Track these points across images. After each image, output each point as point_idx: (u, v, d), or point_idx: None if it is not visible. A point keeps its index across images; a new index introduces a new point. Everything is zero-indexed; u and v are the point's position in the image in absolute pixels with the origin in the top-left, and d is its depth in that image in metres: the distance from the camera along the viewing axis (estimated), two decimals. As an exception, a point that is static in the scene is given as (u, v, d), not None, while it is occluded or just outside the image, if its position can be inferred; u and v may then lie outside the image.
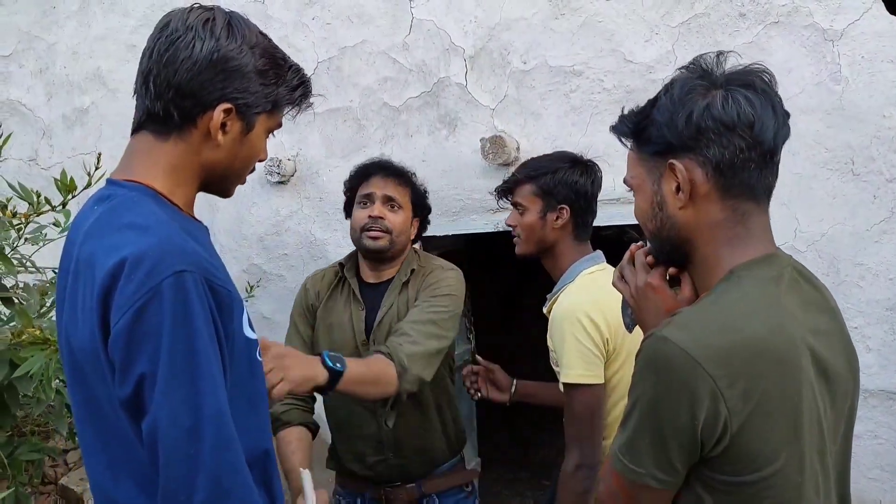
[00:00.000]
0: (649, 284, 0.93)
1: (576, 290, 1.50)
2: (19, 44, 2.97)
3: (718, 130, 0.82)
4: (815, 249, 1.99)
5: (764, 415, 0.78)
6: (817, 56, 1.97)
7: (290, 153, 2.57)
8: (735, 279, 0.84)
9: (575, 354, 1.42)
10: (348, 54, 2.48)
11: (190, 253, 0.83)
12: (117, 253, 0.81)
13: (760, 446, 0.78)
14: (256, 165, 1.03)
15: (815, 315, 0.87)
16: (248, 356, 0.91)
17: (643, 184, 0.90)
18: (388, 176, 1.69)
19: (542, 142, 2.23)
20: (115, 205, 0.88)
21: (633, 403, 0.83)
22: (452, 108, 2.36)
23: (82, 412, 0.90)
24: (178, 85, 0.89)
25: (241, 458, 0.82)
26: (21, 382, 1.33)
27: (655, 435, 0.81)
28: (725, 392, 0.76)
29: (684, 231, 0.87)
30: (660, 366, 0.80)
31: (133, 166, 0.92)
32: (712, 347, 0.77)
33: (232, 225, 2.67)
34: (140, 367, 0.79)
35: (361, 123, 2.48)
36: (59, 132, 2.94)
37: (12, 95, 3.00)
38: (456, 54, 2.35)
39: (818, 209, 1.98)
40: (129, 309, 0.79)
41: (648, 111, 0.88)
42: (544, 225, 1.54)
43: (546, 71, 2.24)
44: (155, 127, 0.92)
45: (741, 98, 0.82)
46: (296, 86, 0.98)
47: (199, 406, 0.79)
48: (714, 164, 0.83)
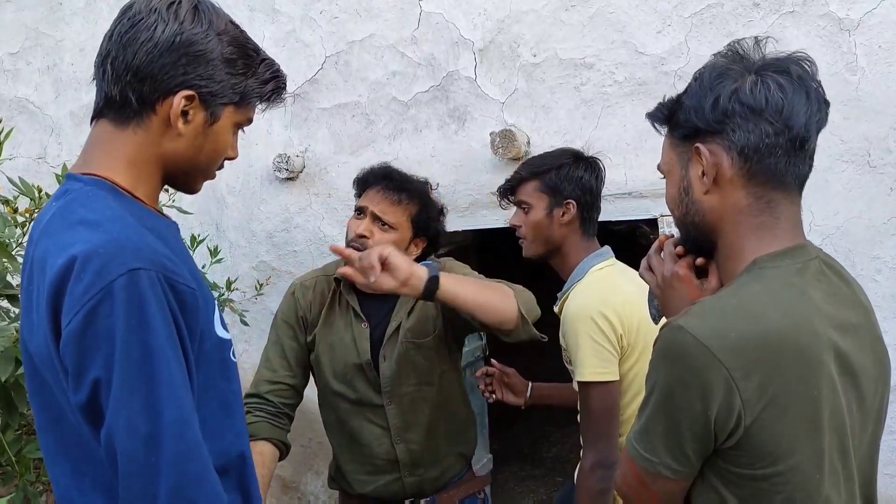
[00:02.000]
0: (675, 274, 0.92)
1: (587, 288, 1.49)
2: (27, 41, 2.97)
3: (745, 115, 0.80)
4: (831, 243, 1.96)
5: (780, 409, 0.77)
6: (833, 46, 1.94)
7: (299, 149, 2.56)
8: (757, 270, 0.82)
9: (589, 352, 1.41)
10: (356, 48, 2.46)
11: (144, 249, 0.78)
12: (67, 251, 0.77)
13: (775, 440, 0.77)
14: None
15: (843, 309, 0.85)
16: (220, 356, 0.88)
17: (673, 169, 0.90)
18: (386, 190, 1.57)
19: (552, 135, 2.20)
20: (70, 200, 0.84)
21: (648, 392, 0.83)
22: (462, 102, 2.34)
23: (42, 419, 0.86)
24: (136, 68, 0.84)
25: (206, 466, 0.78)
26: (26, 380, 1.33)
27: (669, 424, 0.80)
28: (740, 383, 0.75)
29: (709, 216, 0.85)
30: (674, 355, 0.79)
31: (92, 159, 0.88)
32: (729, 338, 0.76)
33: (241, 222, 2.66)
34: (93, 372, 0.75)
35: (370, 118, 2.46)
36: (68, 130, 2.93)
37: (20, 93, 3.00)
38: (465, 48, 2.32)
39: (833, 202, 1.95)
40: (78, 311, 0.75)
41: (681, 97, 0.87)
42: (551, 222, 1.52)
43: (556, 64, 2.21)
44: (113, 114, 0.87)
45: (772, 83, 0.80)
46: (267, 79, 0.93)
47: (158, 413, 0.75)
48: (740, 149, 0.81)
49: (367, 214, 1.56)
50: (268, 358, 1.62)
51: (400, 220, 1.57)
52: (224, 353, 0.89)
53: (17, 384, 1.41)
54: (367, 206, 1.57)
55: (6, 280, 1.57)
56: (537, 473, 3.77)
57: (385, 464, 1.61)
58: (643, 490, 0.85)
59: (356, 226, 1.57)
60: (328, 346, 1.61)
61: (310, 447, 2.59)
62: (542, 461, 3.89)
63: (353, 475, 1.64)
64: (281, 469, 2.61)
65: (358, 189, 1.66)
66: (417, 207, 1.59)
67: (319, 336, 1.61)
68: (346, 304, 1.63)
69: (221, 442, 0.84)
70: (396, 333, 1.61)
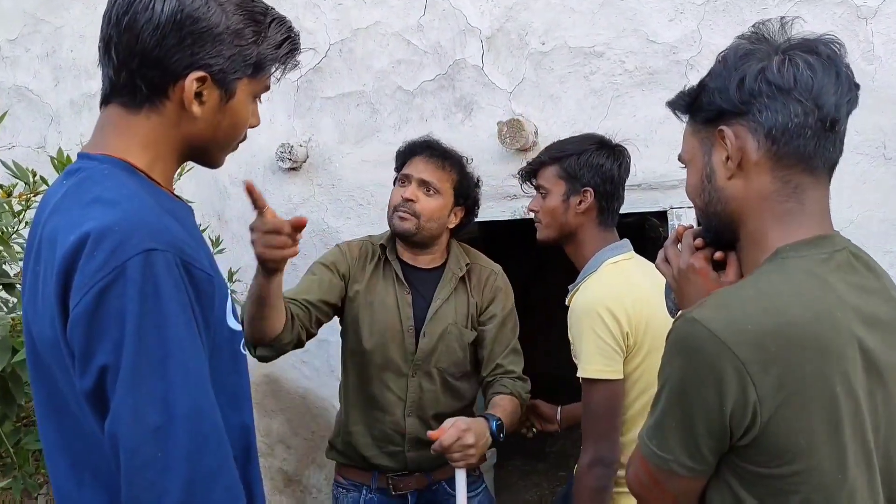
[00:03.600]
0: (692, 266, 0.89)
1: (598, 282, 1.45)
2: (25, 27, 2.92)
3: (773, 94, 0.77)
4: (844, 236, 1.93)
5: (798, 405, 0.74)
6: (849, 34, 1.90)
7: (302, 139, 2.52)
8: (780, 260, 0.79)
9: (593, 349, 1.38)
10: (361, 36, 2.41)
11: (162, 230, 0.75)
12: (80, 228, 0.73)
13: (793, 438, 0.74)
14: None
15: (872, 303, 0.81)
16: (231, 348, 0.84)
17: (695, 157, 0.86)
18: (430, 157, 1.64)
19: (561, 125, 2.16)
20: (83, 178, 0.81)
21: (661, 387, 0.80)
22: (468, 91, 2.30)
23: (44, 408, 0.82)
24: (141, 53, 0.80)
25: (224, 460, 0.74)
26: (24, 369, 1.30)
27: (683, 420, 0.77)
28: (756, 378, 0.73)
29: (733, 204, 0.82)
30: (687, 348, 0.76)
31: (106, 140, 0.84)
32: (746, 330, 0.73)
33: (244, 212, 2.62)
34: (101, 357, 0.71)
35: (375, 108, 2.42)
36: (67, 118, 2.89)
37: (19, 81, 2.95)
38: (472, 35, 2.28)
39: (847, 195, 1.92)
40: (89, 290, 0.70)
41: (705, 81, 0.84)
42: (567, 209, 1.49)
43: (565, 52, 2.17)
44: (123, 99, 0.83)
45: (801, 62, 0.77)
46: (280, 41, 0.87)
47: (170, 402, 0.70)
48: (767, 130, 0.78)
49: (413, 181, 1.62)
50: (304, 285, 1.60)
51: (444, 185, 1.64)
52: (235, 344, 0.86)
53: (15, 374, 1.38)
54: (411, 174, 1.63)
55: (2, 268, 1.54)
56: (541, 468, 3.76)
57: (392, 434, 1.64)
58: (657, 489, 0.82)
59: (401, 191, 1.63)
60: (369, 305, 1.64)
61: (312, 440, 2.57)
62: (546, 456, 3.87)
63: (359, 437, 1.66)
64: (283, 463, 2.59)
65: (400, 161, 1.71)
66: (459, 175, 1.67)
67: (362, 295, 1.64)
68: (390, 270, 1.67)
69: (229, 436, 0.80)
70: (441, 312, 1.65)
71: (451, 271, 1.69)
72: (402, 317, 1.63)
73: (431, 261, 1.70)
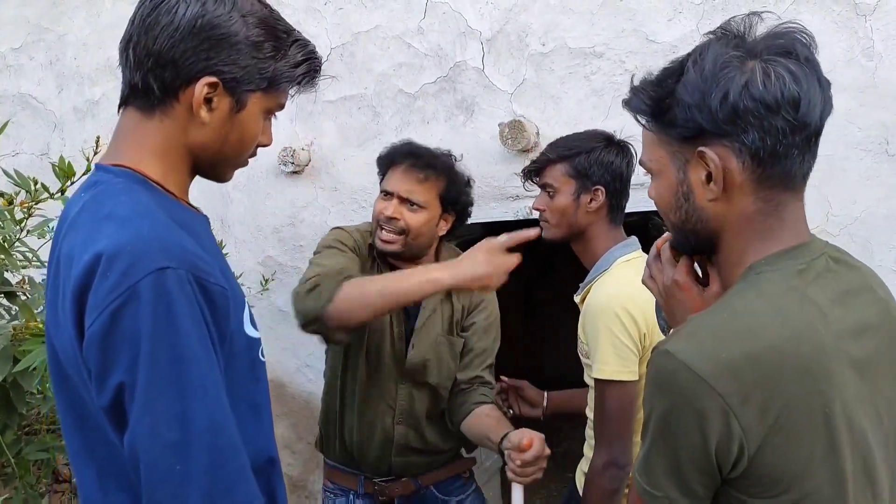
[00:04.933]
0: (675, 282, 0.85)
1: (612, 281, 1.44)
2: (29, 36, 2.94)
3: (759, 113, 0.71)
4: (848, 233, 1.92)
5: (787, 431, 0.70)
6: (849, 31, 1.90)
7: (304, 143, 2.53)
8: (753, 276, 0.75)
9: (609, 349, 1.37)
10: (362, 40, 2.42)
11: (174, 247, 0.76)
12: (93, 247, 0.74)
13: (786, 465, 0.71)
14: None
15: (858, 308, 0.77)
16: (249, 357, 0.85)
17: (665, 170, 0.80)
18: (411, 169, 1.55)
19: (562, 126, 2.16)
20: (99, 193, 0.82)
21: (646, 421, 0.77)
22: (469, 93, 2.30)
23: (68, 418, 0.83)
24: (157, 53, 0.82)
25: (242, 472, 0.75)
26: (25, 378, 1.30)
27: (669, 456, 0.74)
28: (738, 410, 0.69)
29: (713, 223, 0.78)
30: (665, 384, 0.73)
31: (121, 149, 0.86)
32: (721, 360, 0.69)
33: (246, 217, 2.63)
34: (118, 376, 0.72)
35: (377, 111, 2.43)
36: (71, 125, 2.91)
37: (23, 88, 2.97)
38: (472, 37, 2.29)
39: (851, 191, 1.91)
40: (103, 311, 0.72)
41: (671, 87, 0.76)
42: (577, 208, 1.48)
43: (565, 53, 2.17)
44: (138, 102, 0.85)
45: (784, 72, 0.72)
46: (299, 62, 0.89)
47: (187, 418, 0.72)
48: (752, 153, 0.73)
49: (395, 197, 1.54)
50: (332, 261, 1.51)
51: (428, 198, 1.55)
52: (254, 352, 0.86)
53: (16, 384, 1.37)
54: (393, 190, 1.55)
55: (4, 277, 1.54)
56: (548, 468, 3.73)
57: (380, 440, 1.61)
58: None
59: (384, 207, 1.56)
60: None
61: (318, 444, 2.57)
62: (552, 456, 3.82)
63: (350, 435, 1.62)
64: (288, 468, 2.59)
65: (382, 168, 1.63)
66: (445, 183, 1.58)
67: None
68: (381, 272, 1.62)
69: (250, 447, 0.81)
70: (429, 323, 1.61)
71: None
72: (393, 323, 1.59)
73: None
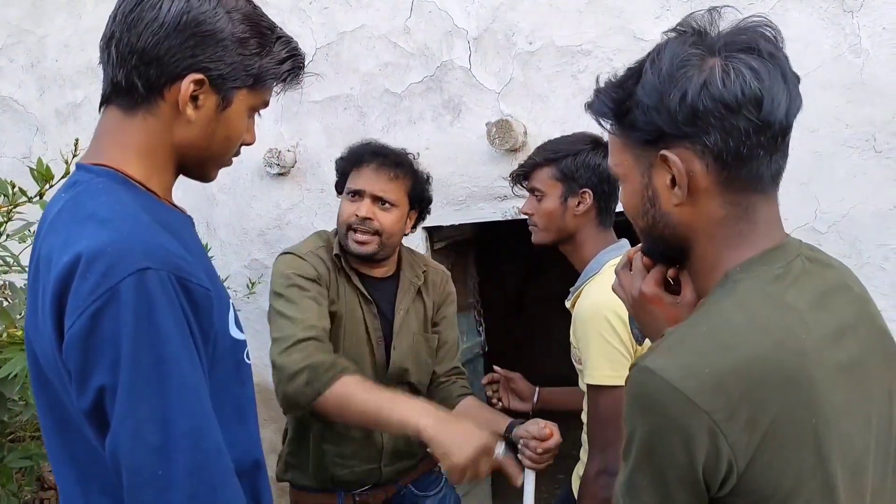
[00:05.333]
0: (643, 294, 0.82)
1: (603, 285, 1.42)
2: (9, 37, 2.90)
3: (720, 113, 0.68)
4: (836, 230, 1.92)
5: (776, 446, 0.68)
6: (836, 28, 1.89)
7: (290, 144, 2.50)
8: (730, 284, 0.73)
9: (601, 355, 1.34)
10: (347, 39, 2.40)
11: (155, 248, 0.74)
12: (72, 249, 0.73)
13: (776, 480, 0.68)
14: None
15: (836, 310, 0.75)
16: (234, 359, 0.83)
17: (630, 174, 0.78)
18: (381, 168, 1.53)
19: (550, 125, 2.15)
20: (79, 193, 0.80)
21: (628, 439, 0.73)
22: (456, 92, 2.28)
23: (48, 420, 0.82)
24: (141, 50, 0.80)
25: (225, 475, 0.74)
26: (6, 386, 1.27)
27: (655, 476, 0.71)
28: (724, 426, 0.66)
29: (680, 229, 0.75)
30: (647, 403, 0.70)
31: (103, 148, 0.84)
32: (704, 376, 0.67)
33: (232, 219, 2.60)
34: (98, 378, 0.71)
35: (363, 111, 2.41)
36: (52, 128, 2.87)
37: (4, 91, 2.93)
38: (459, 36, 2.27)
39: (839, 188, 1.91)
40: (83, 312, 0.71)
41: (631, 88, 0.74)
42: (565, 211, 1.46)
43: (553, 51, 2.16)
44: (121, 101, 0.84)
45: (744, 69, 0.68)
46: (284, 59, 0.88)
47: (169, 421, 0.71)
48: (715, 154, 0.70)
49: (367, 196, 1.51)
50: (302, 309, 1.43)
51: (398, 196, 1.54)
52: (238, 355, 0.85)
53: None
54: (363, 189, 1.52)
55: (-18, 283, 1.51)
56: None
57: (370, 452, 1.58)
58: None
59: (355, 208, 1.52)
60: (339, 318, 1.55)
61: (306, 449, 2.54)
62: (543, 458, 3.83)
63: (332, 457, 1.57)
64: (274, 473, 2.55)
65: (345, 168, 1.59)
66: (412, 180, 1.58)
67: (338, 310, 1.55)
68: (350, 282, 1.58)
69: (235, 450, 0.79)
70: (405, 323, 1.60)
71: (407, 279, 1.62)
72: (370, 329, 1.56)
73: (387, 271, 1.64)
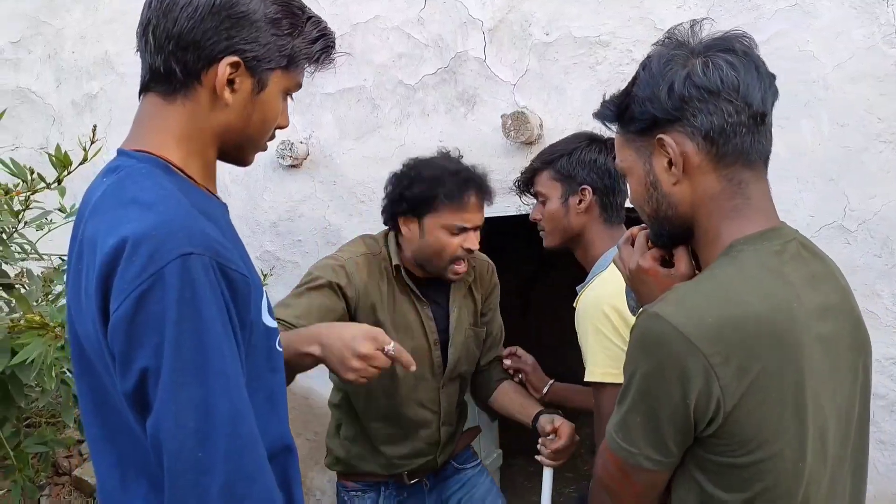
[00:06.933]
0: (640, 267, 0.92)
1: (603, 280, 1.38)
2: (27, 29, 2.91)
3: (703, 97, 0.80)
4: (867, 229, 1.84)
5: (761, 395, 0.76)
6: (869, 17, 1.81)
7: (303, 135, 2.48)
8: (734, 253, 0.82)
9: (599, 350, 1.30)
10: (361, 30, 2.36)
11: (198, 233, 0.75)
12: (118, 232, 0.74)
13: (757, 427, 0.76)
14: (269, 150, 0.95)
15: (823, 292, 0.84)
16: (267, 346, 0.84)
17: (634, 166, 0.88)
18: (480, 199, 1.53)
19: (566, 118, 2.10)
20: (122, 177, 0.81)
21: (626, 382, 0.82)
22: (471, 84, 2.24)
23: (89, 403, 0.83)
24: (178, 35, 0.81)
25: (261, 462, 0.75)
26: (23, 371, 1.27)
27: (648, 414, 0.80)
28: (718, 369, 0.75)
29: (682, 207, 0.85)
30: (651, 343, 0.78)
31: (143, 134, 0.85)
32: (705, 323, 0.76)
33: (244, 211, 2.59)
34: (142, 360, 0.72)
35: (376, 103, 2.37)
36: (69, 119, 2.88)
37: (22, 83, 2.95)
38: (474, 27, 2.22)
39: (870, 185, 1.83)
40: (128, 295, 0.72)
41: (629, 90, 0.86)
42: (567, 211, 1.42)
43: (570, 42, 2.10)
44: (160, 87, 0.85)
45: (722, 62, 0.80)
46: (315, 38, 0.89)
47: (210, 406, 0.72)
48: (704, 133, 0.81)
49: (471, 229, 1.54)
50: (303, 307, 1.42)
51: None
52: (271, 342, 0.85)
53: (14, 377, 1.34)
54: (474, 226, 1.54)
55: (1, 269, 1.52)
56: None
57: (427, 446, 1.64)
58: (625, 481, 0.85)
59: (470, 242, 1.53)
60: (393, 327, 1.57)
61: (316, 441, 2.52)
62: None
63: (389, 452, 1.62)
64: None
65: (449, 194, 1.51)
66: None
67: (382, 317, 1.55)
68: (404, 286, 1.60)
69: (267, 436, 0.80)
70: (459, 321, 1.65)
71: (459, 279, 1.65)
72: (427, 332, 1.60)
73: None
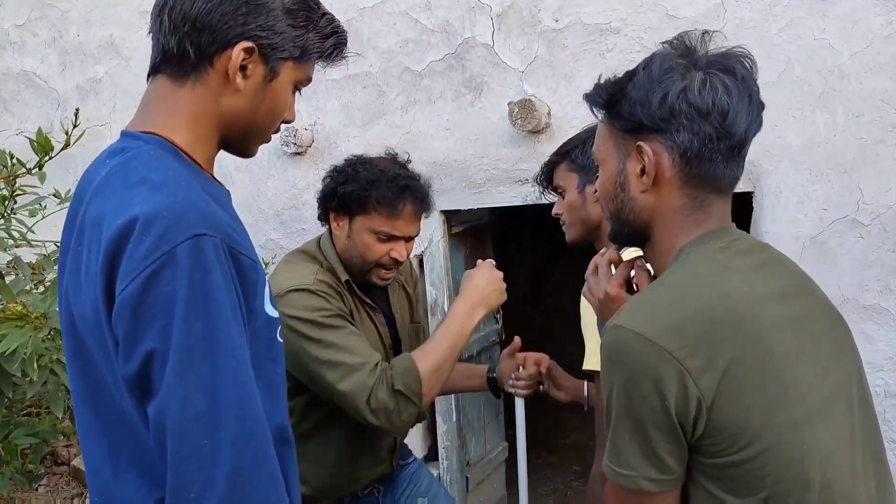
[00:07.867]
0: (607, 294, 0.93)
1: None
2: (32, 12, 2.89)
3: (691, 115, 0.81)
4: (881, 223, 1.80)
5: (735, 383, 0.76)
6: (887, 7, 1.76)
7: (307, 122, 2.45)
8: (682, 257, 0.84)
9: (596, 340, 1.28)
10: (367, 15, 2.33)
11: (210, 215, 0.74)
12: (127, 211, 0.73)
13: (742, 418, 0.76)
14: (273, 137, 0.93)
15: (776, 278, 0.85)
16: (268, 336, 0.84)
17: (609, 160, 0.89)
18: (418, 210, 1.48)
19: (575, 106, 2.06)
20: (129, 158, 0.80)
21: (607, 403, 0.81)
22: (478, 71, 2.20)
23: (81, 389, 0.81)
24: (194, 17, 0.81)
25: (267, 446, 0.75)
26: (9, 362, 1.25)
27: (634, 426, 0.78)
28: (687, 364, 0.75)
29: (644, 215, 0.87)
30: (618, 354, 0.79)
31: (150, 117, 0.85)
32: (664, 324, 0.77)
33: (247, 198, 2.57)
34: (148, 342, 0.71)
35: (382, 90, 2.34)
36: (74, 103, 2.85)
37: (27, 66, 2.93)
38: (482, 13, 2.18)
39: (885, 178, 1.79)
40: (138, 275, 0.70)
41: (624, 84, 0.85)
42: (584, 201, 1.40)
43: (580, 29, 2.06)
44: (171, 69, 0.84)
45: (719, 84, 0.81)
46: (328, 34, 0.88)
47: (218, 389, 0.71)
48: (682, 151, 0.82)
49: (403, 238, 1.48)
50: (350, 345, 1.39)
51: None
52: (272, 332, 0.84)
53: (1, 369, 1.33)
54: (404, 235, 1.48)
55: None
56: (553, 461, 3.67)
57: (386, 453, 1.60)
58: None
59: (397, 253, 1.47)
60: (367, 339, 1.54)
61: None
62: (559, 448, 3.78)
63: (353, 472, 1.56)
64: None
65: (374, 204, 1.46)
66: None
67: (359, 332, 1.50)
68: (356, 296, 1.55)
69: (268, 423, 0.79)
70: (402, 320, 1.63)
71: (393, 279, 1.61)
72: (383, 339, 1.57)
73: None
